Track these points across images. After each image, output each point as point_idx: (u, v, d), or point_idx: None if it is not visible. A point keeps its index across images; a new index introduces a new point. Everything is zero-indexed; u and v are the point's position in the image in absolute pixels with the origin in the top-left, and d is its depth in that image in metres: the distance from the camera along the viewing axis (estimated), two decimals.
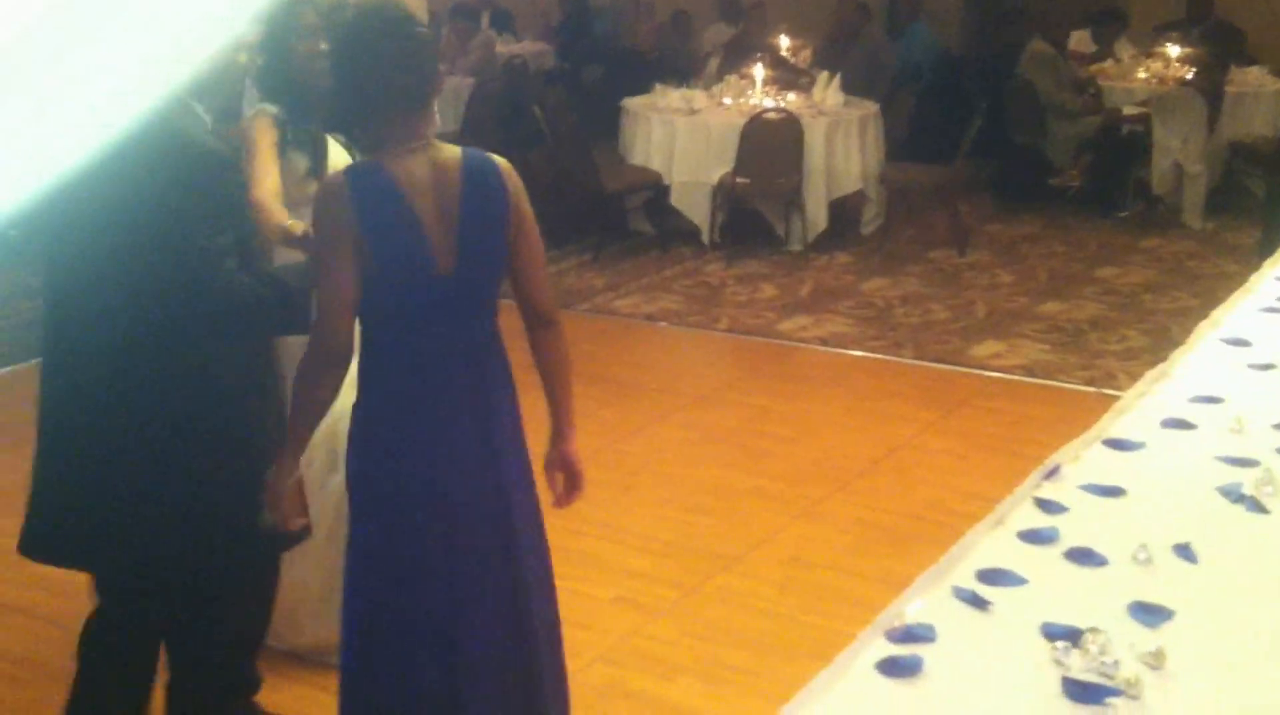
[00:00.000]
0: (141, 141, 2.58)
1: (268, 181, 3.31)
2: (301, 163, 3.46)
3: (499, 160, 2.79)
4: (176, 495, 2.83)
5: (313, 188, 3.31)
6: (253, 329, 2.91)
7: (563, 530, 4.61)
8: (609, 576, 4.35)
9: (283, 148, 3.39)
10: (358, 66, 2.64)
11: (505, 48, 11.68)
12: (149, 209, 2.69)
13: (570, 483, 3.00)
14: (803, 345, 6.74)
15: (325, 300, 2.65)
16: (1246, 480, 2.30)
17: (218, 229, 2.73)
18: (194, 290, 2.72)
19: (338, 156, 3.49)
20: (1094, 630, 1.78)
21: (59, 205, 2.65)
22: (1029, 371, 6.31)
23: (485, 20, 11.98)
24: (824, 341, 6.77)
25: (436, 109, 2.76)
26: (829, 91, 8.72)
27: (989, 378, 6.28)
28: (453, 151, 2.72)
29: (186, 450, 2.84)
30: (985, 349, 6.61)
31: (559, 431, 2.99)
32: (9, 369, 6.43)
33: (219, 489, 2.86)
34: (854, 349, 6.66)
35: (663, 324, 7.13)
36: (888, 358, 6.55)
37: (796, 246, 8.32)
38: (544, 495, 2.98)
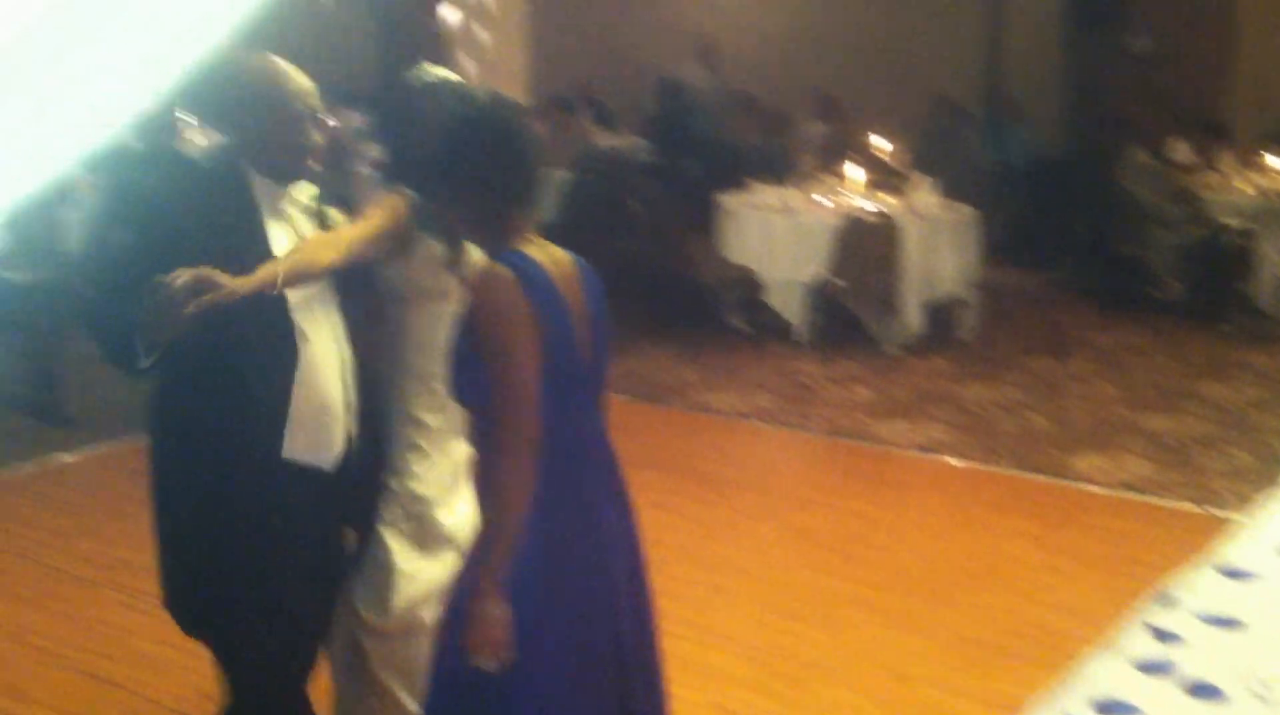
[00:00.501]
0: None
1: (328, 238, 3.17)
2: (438, 250, 3.33)
3: None
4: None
5: (448, 280, 3.29)
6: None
7: None
8: (704, 681, 4.25)
9: (411, 232, 3.30)
10: (496, 160, 2.66)
11: (602, 141, 11.78)
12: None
13: None
14: (899, 450, 6.64)
15: (520, 393, 2.60)
16: None
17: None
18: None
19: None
20: None
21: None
22: (1131, 487, 6.16)
23: (583, 113, 12.11)
24: (921, 447, 6.66)
25: None
26: (925, 193, 8.68)
27: (1090, 492, 6.13)
28: (551, 246, 2.77)
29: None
30: (1086, 461, 6.46)
31: None
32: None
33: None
34: (951, 456, 6.55)
35: (756, 422, 7.06)
36: (986, 467, 6.42)
37: (892, 349, 8.24)
38: None
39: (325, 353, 3.09)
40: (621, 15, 14.31)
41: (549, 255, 2.72)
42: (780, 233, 8.40)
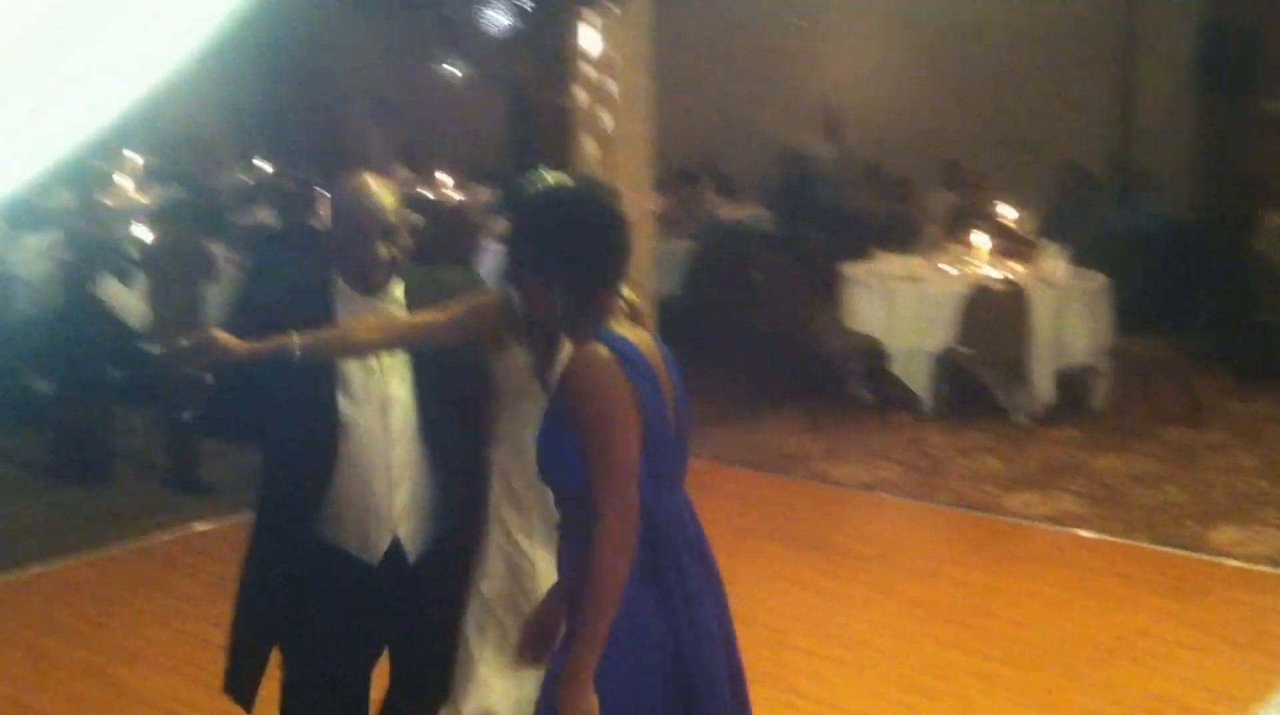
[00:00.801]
0: None
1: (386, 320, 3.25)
2: (524, 358, 3.35)
3: None
4: None
5: (533, 387, 3.31)
6: None
7: (774, 702, 4.53)
8: None
9: (504, 331, 3.30)
10: (589, 240, 2.73)
11: (726, 212, 11.86)
12: None
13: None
14: (1028, 522, 6.52)
15: (624, 472, 2.59)
16: None
17: None
18: None
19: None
20: None
21: None
22: (1272, 561, 5.97)
23: (707, 185, 12.21)
24: (1051, 519, 6.53)
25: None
26: (1055, 261, 8.57)
27: (1228, 565, 5.95)
28: (638, 327, 2.82)
29: None
30: (1225, 535, 6.28)
31: None
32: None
33: None
34: (1084, 529, 6.41)
35: (881, 493, 7.00)
36: (1120, 540, 6.27)
37: (1022, 419, 8.11)
38: None
39: (373, 448, 3.17)
40: (744, 87, 14.42)
41: (637, 336, 2.76)
42: (905, 302, 8.35)
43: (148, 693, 4.74)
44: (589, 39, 8.34)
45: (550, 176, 2.98)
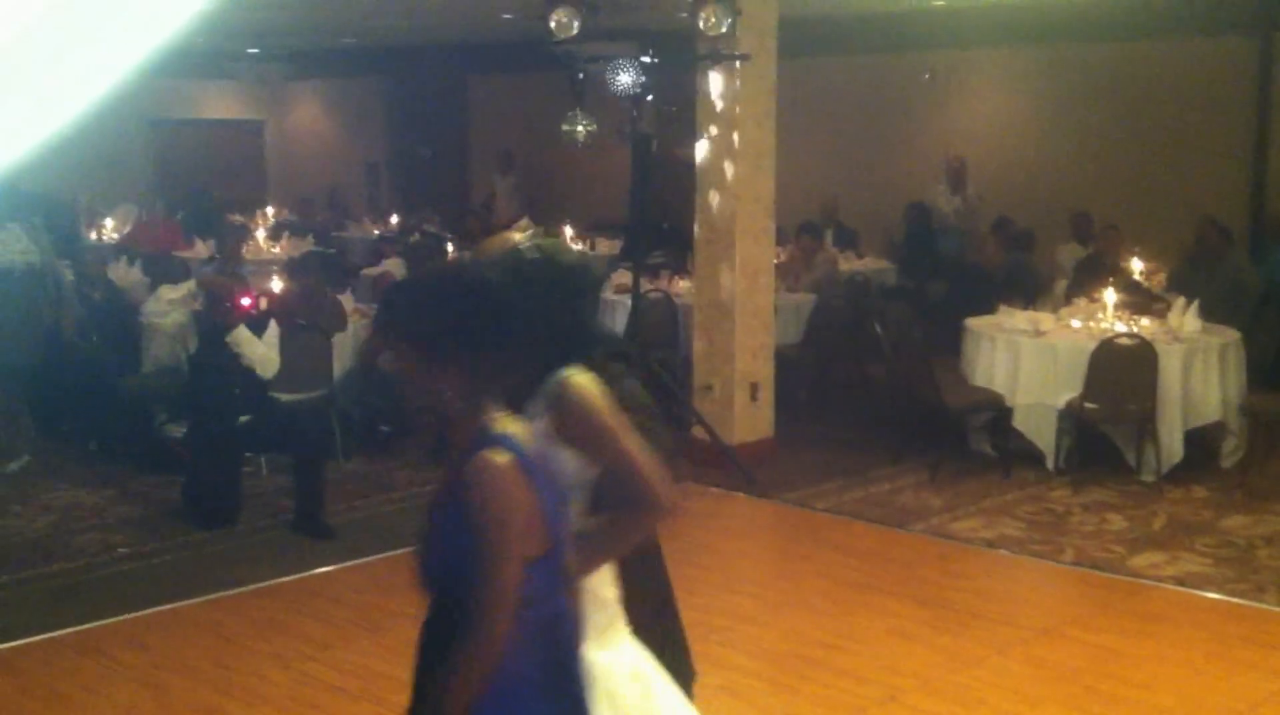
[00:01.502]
0: None
1: None
2: None
3: None
4: None
5: None
6: None
7: None
8: None
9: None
10: (469, 322, 2.59)
11: (847, 264, 11.83)
12: None
13: None
14: (1155, 584, 6.35)
15: (507, 599, 2.48)
16: None
17: None
18: None
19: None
20: None
21: None
22: None
23: (828, 237, 12.20)
24: (1179, 581, 6.36)
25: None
26: (1186, 317, 8.38)
27: None
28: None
29: None
30: None
31: None
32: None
33: None
34: (1212, 591, 6.22)
35: (1002, 551, 6.87)
36: (1250, 603, 6.08)
37: (1149, 477, 7.92)
38: None
39: None
40: (866, 139, 14.42)
41: (520, 427, 2.62)
42: (1030, 356, 8.22)
43: None
44: (713, 94, 8.42)
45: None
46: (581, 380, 2.84)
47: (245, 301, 7.47)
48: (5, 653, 5.57)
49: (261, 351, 7.39)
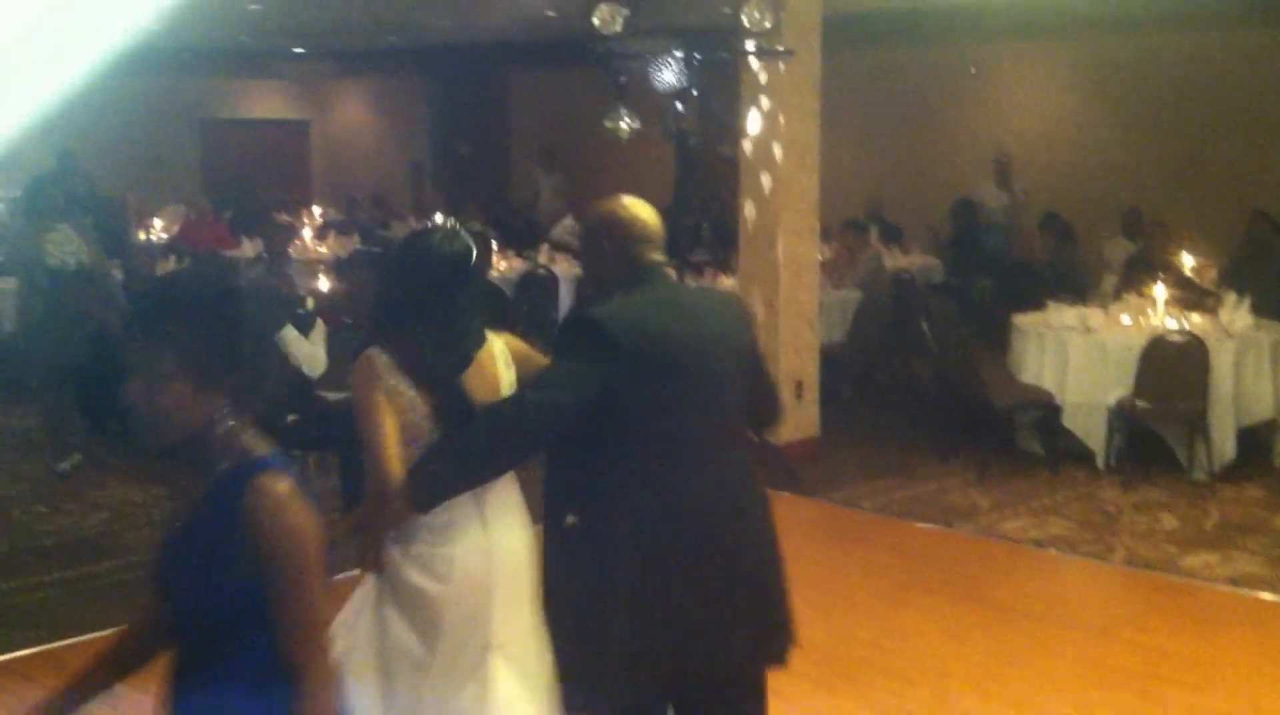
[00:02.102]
0: None
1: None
2: None
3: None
4: None
5: None
6: None
7: None
8: None
9: None
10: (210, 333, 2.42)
11: (893, 261, 11.75)
12: None
13: None
14: (1208, 584, 6.27)
15: (324, 631, 2.47)
16: None
17: None
18: None
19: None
20: None
21: None
22: None
23: (874, 234, 12.12)
24: (1233, 581, 6.27)
25: None
26: (1238, 313, 8.27)
27: None
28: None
29: None
30: None
31: None
32: None
33: None
34: (1266, 591, 6.14)
35: (1052, 550, 6.81)
36: None
37: (1201, 475, 7.82)
38: None
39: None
40: (912, 135, 14.33)
41: (270, 445, 2.46)
42: (1079, 353, 8.15)
43: None
44: (757, 90, 8.38)
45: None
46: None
47: (292, 300, 7.49)
48: (59, 650, 5.61)
49: (308, 350, 7.35)
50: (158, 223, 14.81)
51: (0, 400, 7.58)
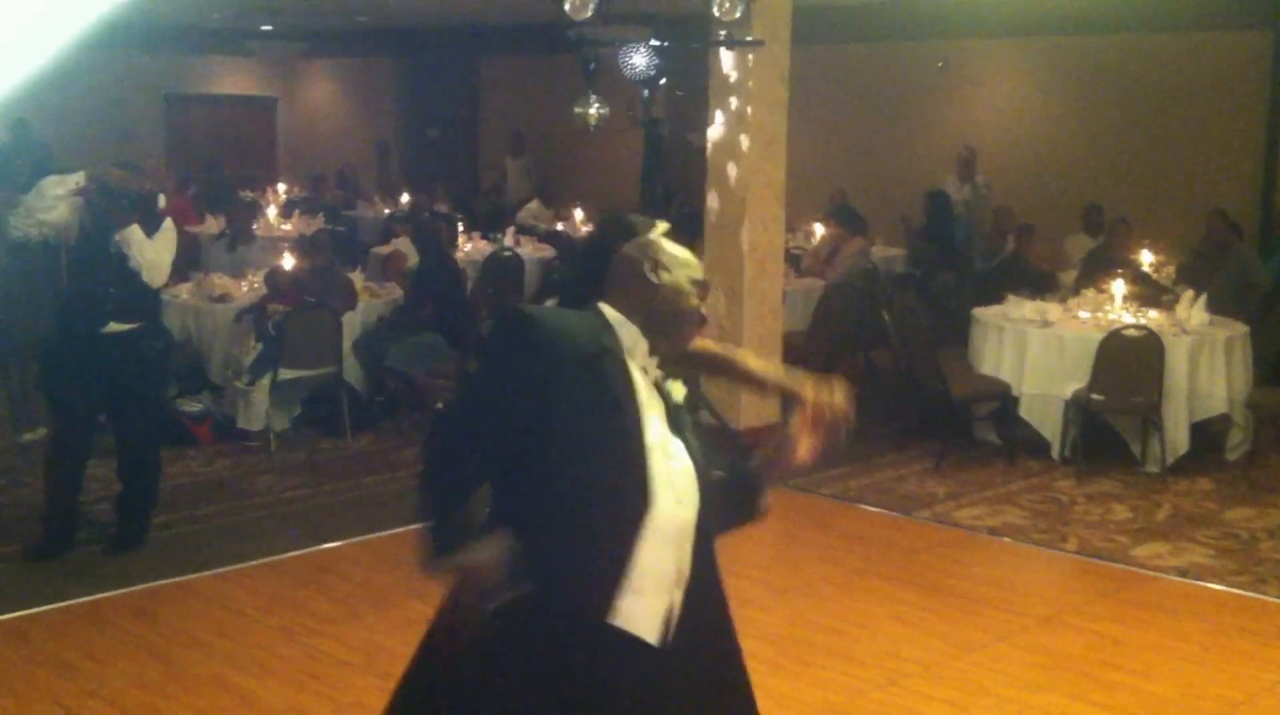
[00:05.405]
0: None
1: None
2: None
3: None
4: None
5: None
6: None
7: None
8: None
9: None
10: None
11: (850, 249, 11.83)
12: None
13: None
14: (1157, 574, 6.38)
15: None
16: None
17: None
18: None
19: None
20: None
21: None
22: None
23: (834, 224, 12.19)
24: (1180, 571, 6.39)
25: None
26: (1194, 309, 8.40)
27: None
28: None
29: None
30: None
31: None
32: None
33: None
34: (1213, 582, 6.26)
35: (1006, 539, 6.91)
36: (1251, 594, 6.11)
37: (1153, 468, 7.95)
38: None
39: (667, 515, 2.77)
40: (878, 126, 14.44)
41: None
42: (1037, 346, 8.25)
43: (274, 705, 4.88)
44: (726, 79, 8.43)
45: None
46: None
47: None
48: (16, 621, 5.63)
49: (151, 255, 6.27)
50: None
51: None
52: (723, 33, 8.29)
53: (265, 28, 18.71)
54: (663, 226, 3.02)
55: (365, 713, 4.77)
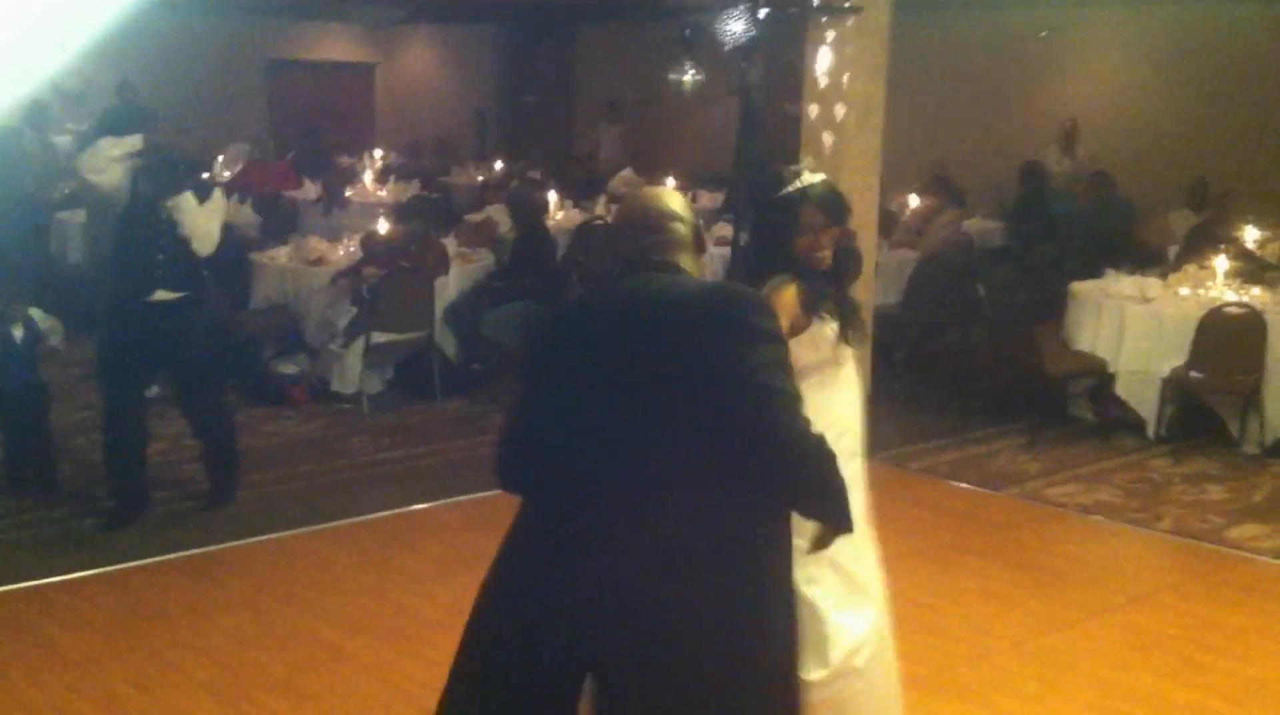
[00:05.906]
0: None
1: None
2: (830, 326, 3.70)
3: None
4: None
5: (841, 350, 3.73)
6: None
7: None
8: None
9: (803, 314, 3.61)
10: None
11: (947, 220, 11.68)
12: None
13: None
14: (1254, 556, 6.26)
15: None
16: None
17: None
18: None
19: None
20: None
21: None
22: None
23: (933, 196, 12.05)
24: (1277, 554, 6.26)
25: None
26: None
27: None
28: None
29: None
30: None
31: None
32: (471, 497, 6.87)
33: None
34: None
35: (1098, 517, 6.81)
36: None
37: (1252, 448, 7.79)
38: None
39: None
40: (979, 97, 14.22)
41: None
42: (1136, 322, 8.11)
43: (364, 659, 4.97)
44: (824, 47, 8.35)
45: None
46: None
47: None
48: (119, 572, 5.78)
49: (204, 223, 6.29)
50: (219, 160, 14.90)
51: (74, 330, 7.69)
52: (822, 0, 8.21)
53: None
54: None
55: None
